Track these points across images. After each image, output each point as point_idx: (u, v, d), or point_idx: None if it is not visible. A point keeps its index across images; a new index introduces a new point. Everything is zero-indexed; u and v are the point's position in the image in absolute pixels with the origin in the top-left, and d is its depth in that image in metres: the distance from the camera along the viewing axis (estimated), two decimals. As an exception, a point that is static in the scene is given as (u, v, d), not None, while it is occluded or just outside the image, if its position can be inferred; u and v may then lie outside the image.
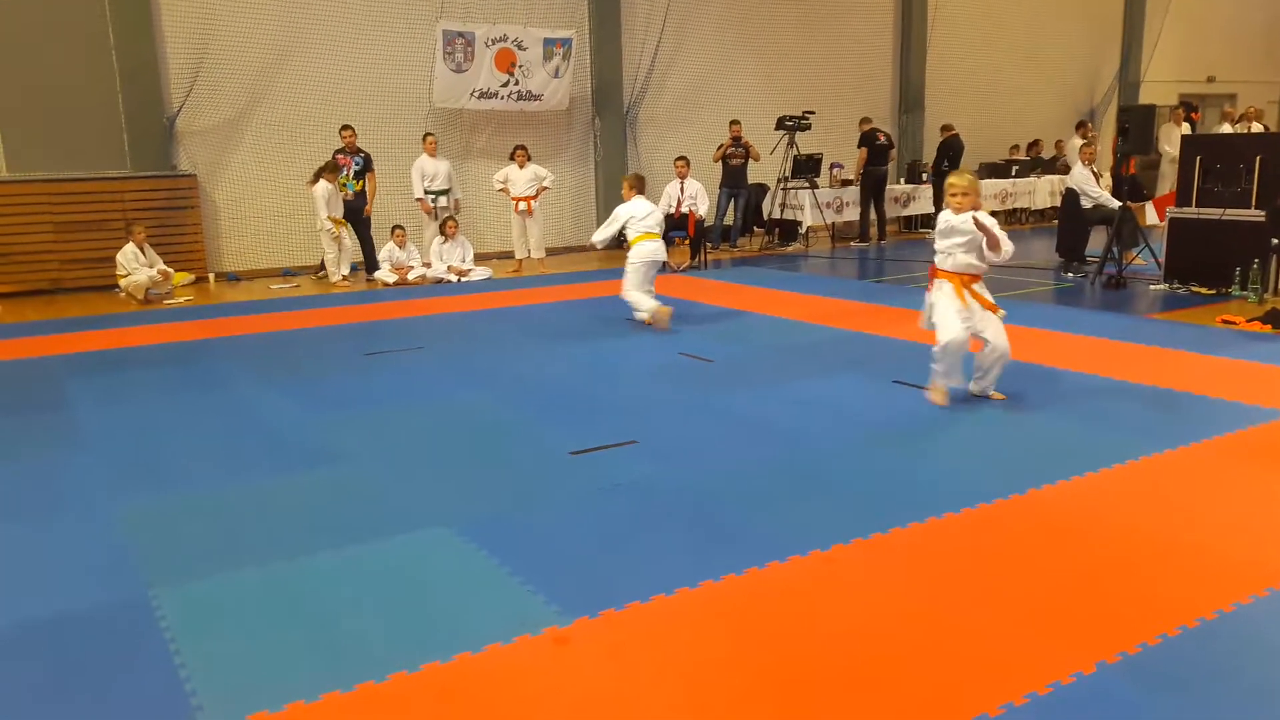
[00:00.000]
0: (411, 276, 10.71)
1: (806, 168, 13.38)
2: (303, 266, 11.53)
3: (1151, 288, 8.88)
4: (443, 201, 11.31)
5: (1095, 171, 10.44)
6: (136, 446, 4.76)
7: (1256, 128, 14.49)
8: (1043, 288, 9.16)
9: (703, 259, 11.62)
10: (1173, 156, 13.54)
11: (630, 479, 4.08)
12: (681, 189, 11.26)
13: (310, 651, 2.72)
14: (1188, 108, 15.34)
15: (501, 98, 12.51)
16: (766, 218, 14.00)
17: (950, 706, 2.37)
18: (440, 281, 10.66)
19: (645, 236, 7.43)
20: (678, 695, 2.46)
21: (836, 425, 4.81)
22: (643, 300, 7.37)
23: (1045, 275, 9.97)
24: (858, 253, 12.81)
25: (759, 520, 3.60)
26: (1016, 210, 16.02)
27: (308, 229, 11.02)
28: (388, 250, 10.83)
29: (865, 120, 13.82)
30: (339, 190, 10.59)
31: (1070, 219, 10.49)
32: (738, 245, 13.50)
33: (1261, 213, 8.24)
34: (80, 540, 3.59)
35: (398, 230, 10.84)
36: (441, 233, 10.92)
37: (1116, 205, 9.72)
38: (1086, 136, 14.62)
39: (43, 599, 3.10)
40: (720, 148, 12.91)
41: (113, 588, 3.16)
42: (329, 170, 10.45)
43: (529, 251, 11.59)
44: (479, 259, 11.48)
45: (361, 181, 10.88)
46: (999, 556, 3.26)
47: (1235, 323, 7.17)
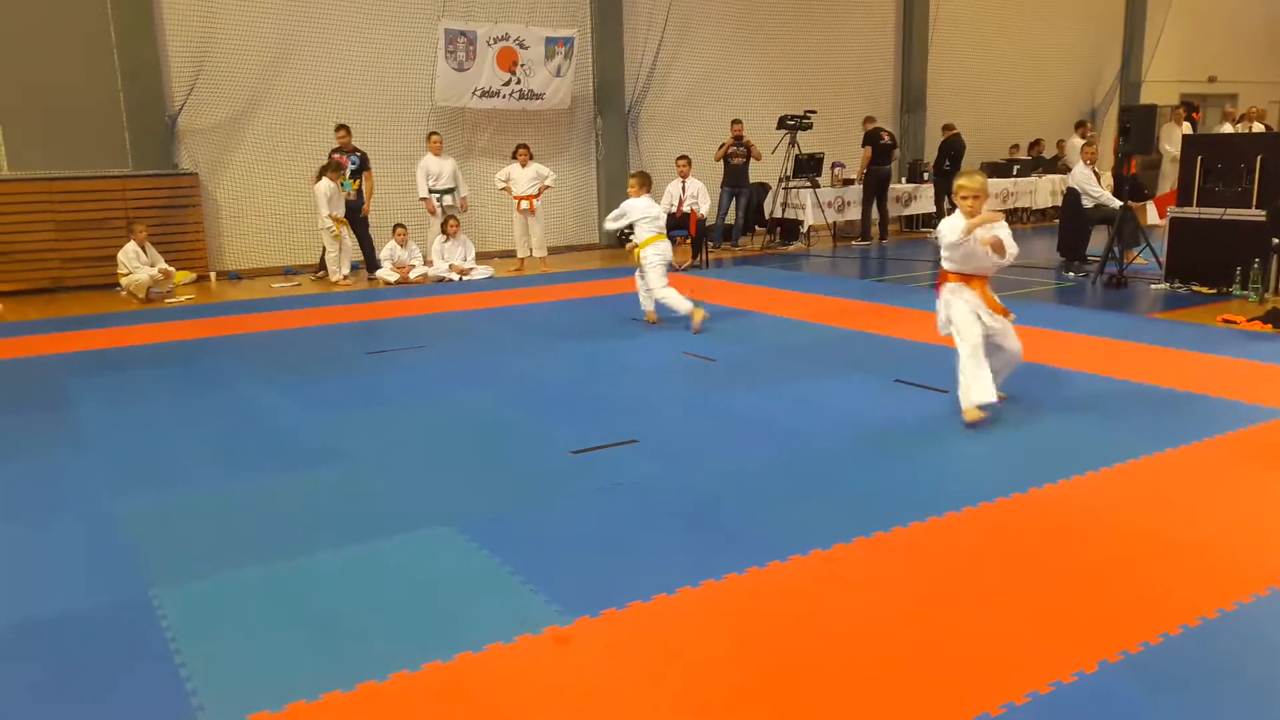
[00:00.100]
0: (413, 275, 10.72)
1: (808, 167, 13.39)
2: (304, 265, 11.53)
3: (1152, 287, 8.87)
4: (448, 200, 11.31)
5: (1096, 171, 10.43)
6: (137, 446, 4.76)
7: (1258, 128, 14.47)
8: (1044, 287, 9.15)
9: (704, 258, 11.62)
10: (1173, 156, 13.53)
11: (631, 478, 4.08)
12: (683, 188, 11.26)
13: (311, 651, 2.72)
14: (1189, 107, 15.32)
15: (503, 96, 12.51)
16: (768, 217, 14.00)
17: (951, 706, 2.37)
18: (442, 280, 10.66)
19: (659, 237, 7.46)
20: (679, 694, 2.46)
21: (838, 424, 4.81)
22: (680, 301, 7.31)
23: (1046, 275, 9.96)
24: (859, 252, 12.81)
25: (760, 519, 3.60)
26: (1018, 210, 16.01)
27: (309, 227, 11.03)
28: (389, 249, 10.83)
29: (869, 119, 13.81)
30: (340, 189, 10.59)
31: (1071, 218, 10.48)
32: (739, 244, 13.50)
33: (1262, 212, 8.23)
34: (81, 540, 3.59)
35: (399, 229, 10.84)
36: (443, 231, 10.92)
37: (1118, 205, 9.72)
38: (1086, 136, 14.62)
39: (43, 599, 3.10)
40: (722, 147, 12.90)
41: (113, 587, 3.16)
42: (332, 169, 10.45)
43: (531, 250, 11.59)
44: (481, 258, 11.48)
45: (358, 181, 10.85)
46: (1000, 556, 3.26)
47: (1236, 322, 7.16)
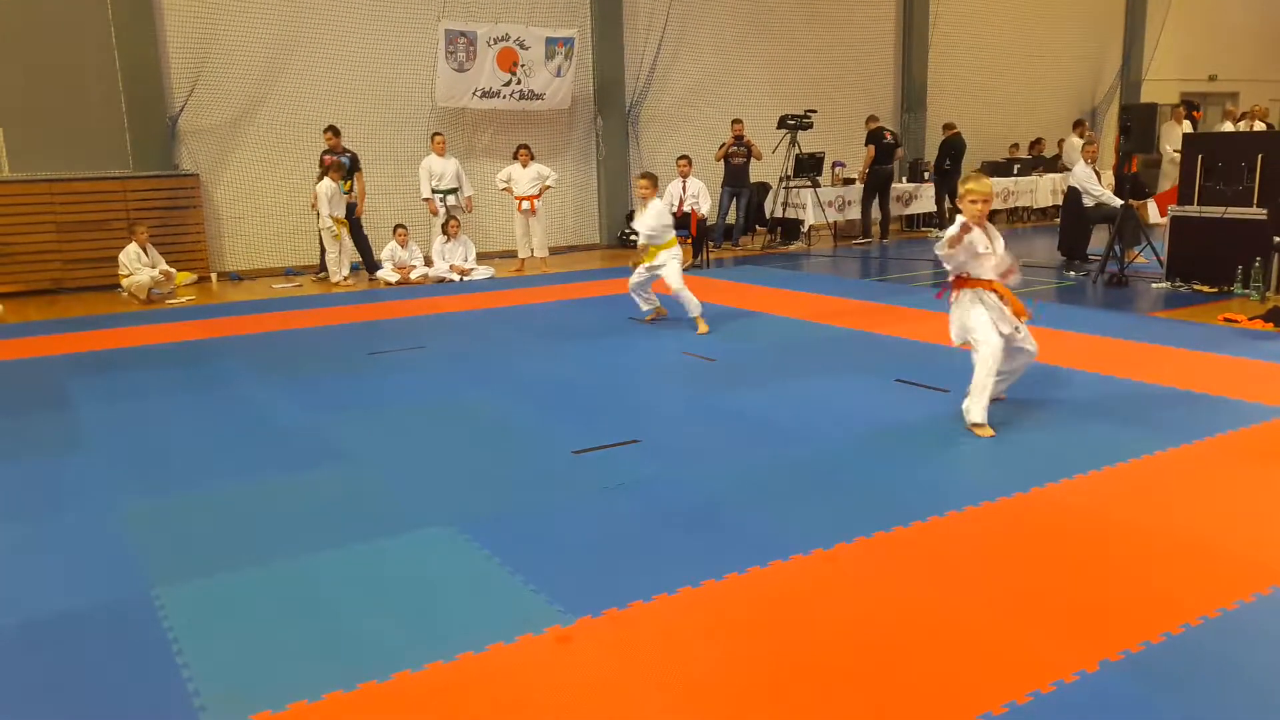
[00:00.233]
0: (414, 276, 10.72)
1: (809, 166, 13.38)
2: (305, 266, 11.53)
3: (1153, 286, 8.87)
4: (451, 200, 11.31)
5: (1097, 170, 10.43)
6: (139, 446, 4.76)
7: (1259, 126, 14.45)
8: (1044, 286, 9.14)
9: (705, 258, 11.62)
10: (1172, 156, 13.50)
11: (633, 478, 4.09)
12: (684, 188, 11.26)
13: (313, 651, 2.73)
14: (1189, 106, 15.30)
15: (504, 97, 12.52)
16: (769, 217, 14.00)
17: (953, 705, 2.37)
18: (442, 281, 10.66)
19: (675, 242, 7.48)
20: (680, 694, 2.46)
21: (839, 424, 4.81)
22: (695, 303, 7.32)
23: (1047, 274, 9.96)
24: (860, 252, 12.81)
25: (761, 519, 3.60)
26: (1018, 209, 16.01)
27: (310, 228, 11.03)
28: (390, 249, 10.83)
29: (872, 119, 13.81)
30: (341, 189, 10.59)
31: (1072, 217, 10.49)
32: (740, 244, 13.50)
33: (1263, 211, 8.23)
34: (83, 540, 3.59)
35: (400, 229, 10.84)
36: (444, 232, 10.92)
37: (1118, 204, 9.72)
38: (1084, 135, 14.60)
39: (45, 599, 3.10)
40: (722, 146, 12.90)
41: (115, 587, 3.17)
42: (334, 169, 10.45)
43: (532, 251, 11.59)
44: (482, 258, 11.47)
45: (350, 182, 10.84)
46: (1002, 555, 3.26)
47: (1237, 321, 7.16)
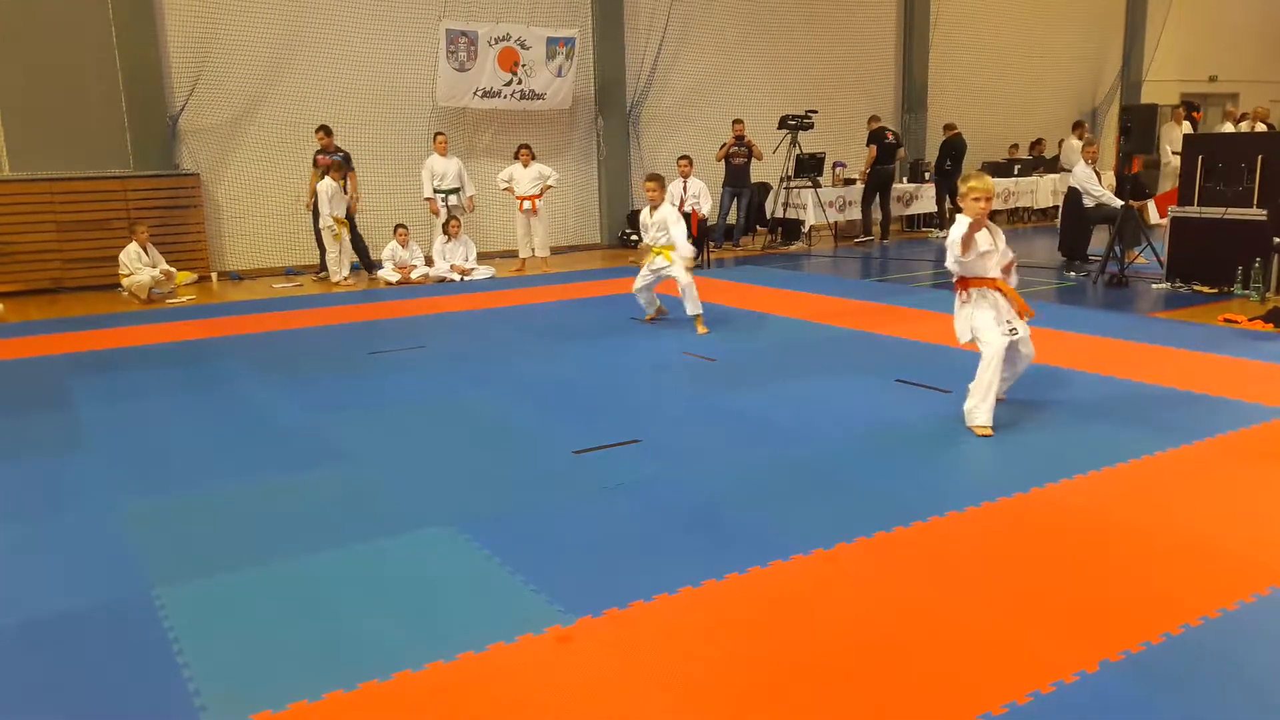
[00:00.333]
0: (414, 275, 10.72)
1: (809, 167, 13.38)
2: (306, 266, 11.53)
3: (1153, 286, 8.87)
4: (453, 200, 11.30)
5: (1098, 170, 10.43)
6: (139, 446, 4.77)
7: (1260, 127, 14.45)
8: (1045, 287, 9.14)
9: (705, 258, 11.61)
10: (1168, 161, 13.48)
11: (633, 478, 4.09)
12: (684, 188, 11.26)
13: (313, 651, 2.73)
14: (1189, 107, 15.31)
15: (504, 97, 12.52)
16: (769, 217, 14.00)
17: (953, 705, 2.37)
18: (443, 281, 10.66)
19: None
20: (681, 694, 2.46)
21: (839, 424, 4.81)
22: (698, 301, 7.33)
23: (1047, 274, 9.96)
24: (861, 252, 12.81)
25: (761, 519, 3.61)
26: (1019, 209, 16.01)
27: (310, 228, 11.02)
28: (390, 249, 10.82)
29: (874, 119, 13.82)
30: (342, 189, 10.59)
31: (1072, 218, 10.48)
32: (740, 244, 13.50)
33: (1263, 211, 8.23)
34: (83, 539, 3.59)
35: (400, 229, 10.84)
36: (445, 232, 10.92)
37: (1119, 204, 9.72)
38: (1083, 137, 14.60)
39: (45, 599, 3.11)
40: (723, 147, 12.90)
41: (116, 587, 3.17)
42: (335, 169, 10.45)
43: (533, 250, 11.59)
44: (482, 258, 11.47)
45: (342, 181, 10.82)
46: (1002, 555, 3.26)
47: (1237, 321, 7.16)
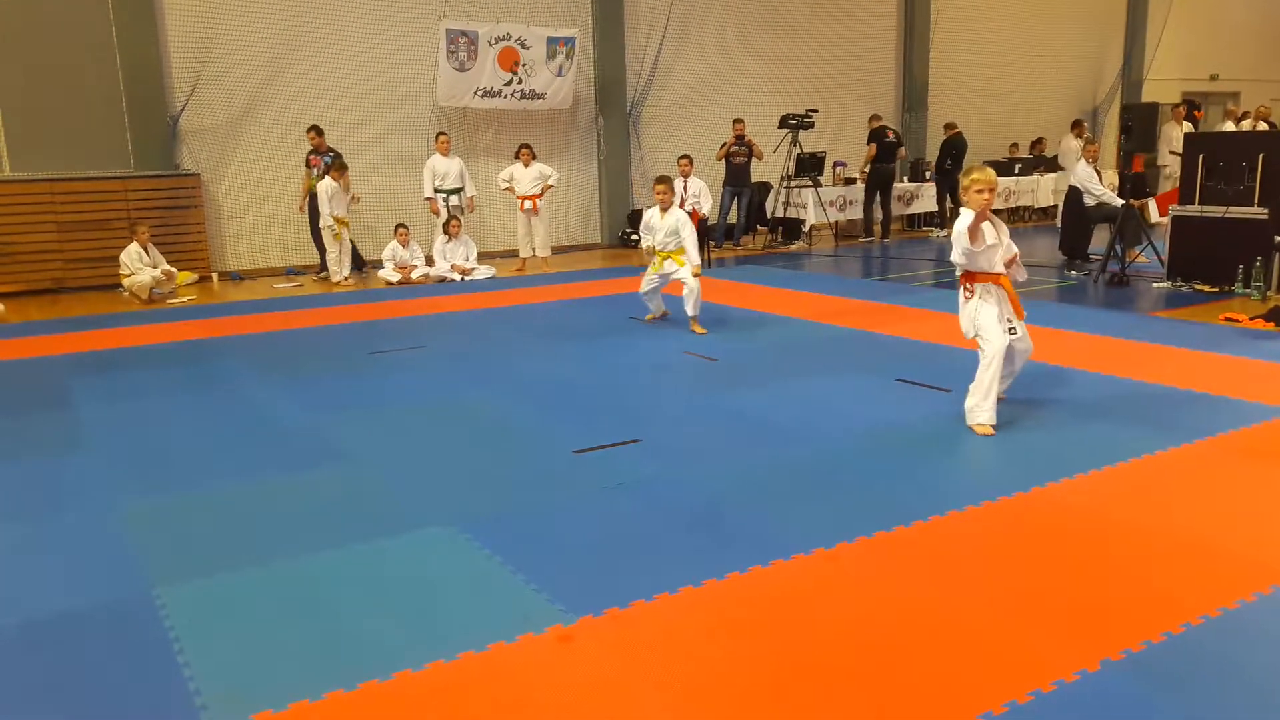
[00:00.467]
0: (415, 275, 10.72)
1: (810, 166, 13.38)
2: (306, 266, 11.53)
3: (1154, 285, 8.87)
4: (454, 200, 11.30)
5: (1099, 169, 10.42)
6: (140, 446, 4.77)
7: (1262, 126, 14.44)
8: (1045, 286, 9.14)
9: (706, 258, 11.60)
10: (1166, 161, 13.47)
11: (634, 478, 4.09)
12: (685, 188, 11.24)
13: (314, 650, 2.73)
14: (1189, 106, 15.30)
15: (505, 96, 12.52)
16: (770, 216, 14.00)
17: (954, 704, 2.37)
18: (443, 280, 10.67)
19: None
20: (682, 693, 2.46)
21: (840, 423, 4.81)
22: (698, 302, 7.34)
23: (1048, 273, 9.96)
24: (861, 251, 12.80)
25: (762, 518, 3.60)
26: (1019, 208, 16.00)
27: (308, 228, 11.01)
28: (391, 249, 10.82)
29: (875, 117, 13.82)
30: (343, 189, 10.58)
31: (1073, 217, 10.47)
32: (741, 244, 13.50)
33: (1264, 210, 8.23)
34: (83, 539, 3.59)
35: (400, 229, 10.84)
36: (445, 231, 10.92)
37: (1120, 203, 9.71)
38: (1082, 136, 14.60)
39: (45, 599, 3.11)
40: (723, 146, 12.90)
41: (116, 587, 3.17)
42: (336, 169, 10.45)
43: (534, 250, 11.59)
44: (483, 258, 11.47)
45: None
46: (1003, 554, 3.26)
47: (1238, 320, 7.16)
